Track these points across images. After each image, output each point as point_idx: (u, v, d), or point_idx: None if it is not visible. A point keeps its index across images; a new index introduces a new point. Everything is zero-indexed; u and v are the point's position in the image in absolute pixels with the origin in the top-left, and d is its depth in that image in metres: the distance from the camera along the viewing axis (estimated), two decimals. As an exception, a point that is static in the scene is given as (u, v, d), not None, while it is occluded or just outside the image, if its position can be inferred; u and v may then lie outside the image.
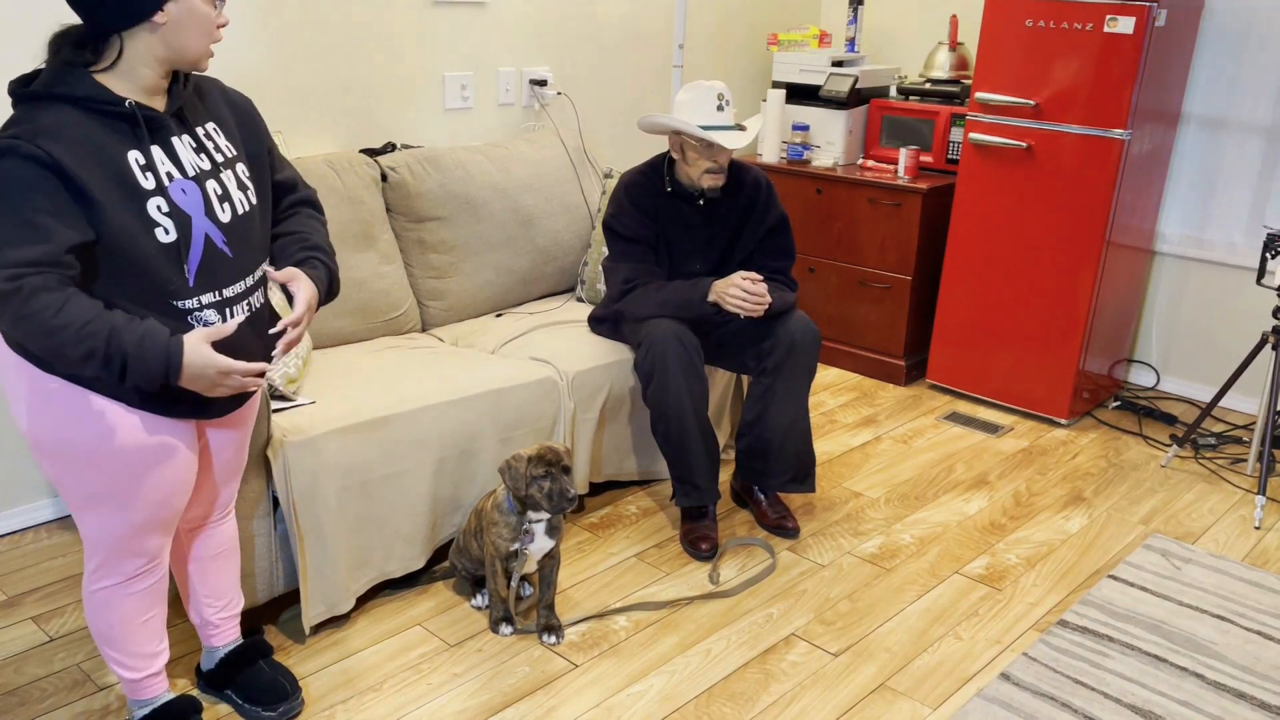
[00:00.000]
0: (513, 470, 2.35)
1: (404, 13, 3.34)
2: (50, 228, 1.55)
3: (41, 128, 1.56)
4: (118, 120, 1.63)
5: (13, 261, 1.53)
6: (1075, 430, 3.81)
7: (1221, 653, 2.52)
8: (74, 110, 1.60)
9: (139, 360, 1.60)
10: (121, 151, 1.62)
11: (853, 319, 4.23)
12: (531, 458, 2.33)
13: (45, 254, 1.54)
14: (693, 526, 2.92)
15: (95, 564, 1.89)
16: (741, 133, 2.88)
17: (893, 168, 4.12)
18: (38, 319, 1.54)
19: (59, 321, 1.54)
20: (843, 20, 4.73)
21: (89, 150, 1.58)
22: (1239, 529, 3.14)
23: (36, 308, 1.53)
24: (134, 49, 1.64)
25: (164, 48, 1.65)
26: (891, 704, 2.31)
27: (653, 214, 2.98)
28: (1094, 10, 3.41)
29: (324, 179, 2.95)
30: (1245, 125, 3.80)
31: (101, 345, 1.57)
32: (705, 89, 2.87)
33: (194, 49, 1.68)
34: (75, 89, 1.60)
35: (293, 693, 2.19)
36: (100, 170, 1.59)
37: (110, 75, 1.64)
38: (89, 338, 1.56)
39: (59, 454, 1.75)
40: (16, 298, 1.53)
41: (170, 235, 1.66)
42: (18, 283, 1.52)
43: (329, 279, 1.94)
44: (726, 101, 2.88)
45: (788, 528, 2.99)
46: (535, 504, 2.35)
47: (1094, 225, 3.57)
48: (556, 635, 2.48)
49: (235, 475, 2.09)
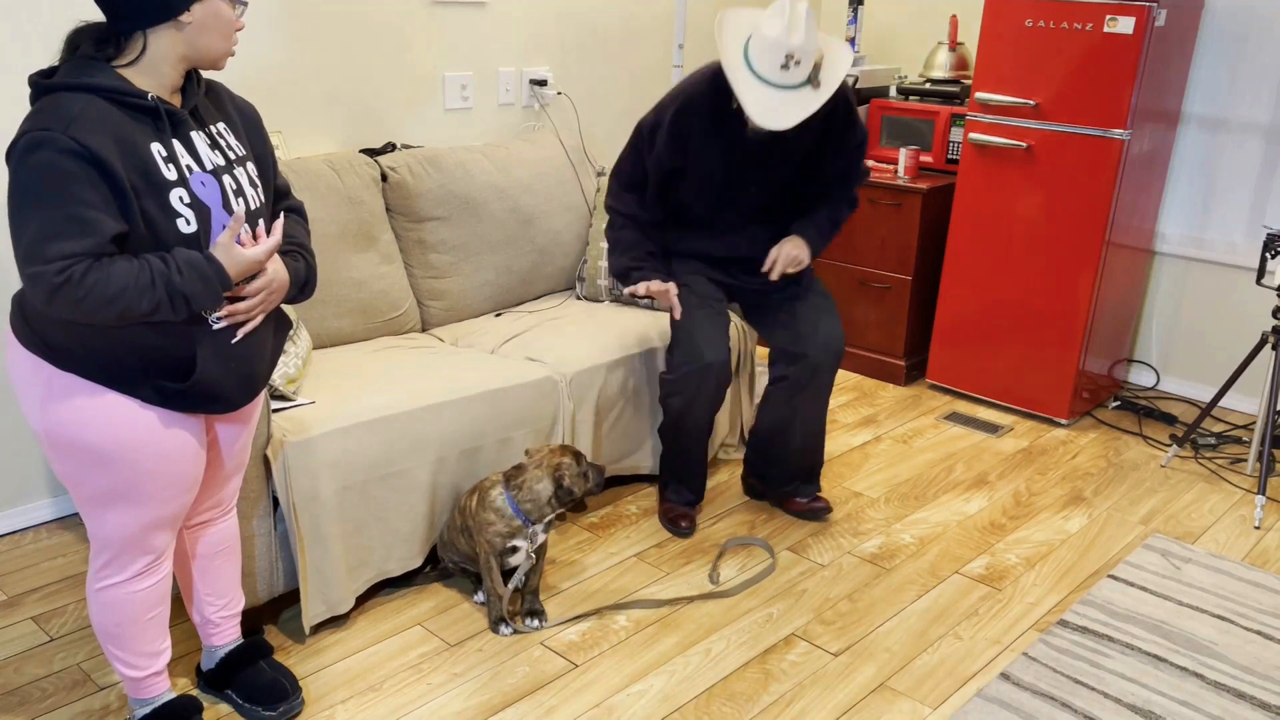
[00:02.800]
0: (569, 473, 2.44)
1: (404, 13, 3.34)
2: (94, 220, 1.58)
3: (71, 117, 1.58)
4: (140, 113, 1.66)
5: (60, 255, 1.57)
6: (1075, 430, 3.81)
7: (1221, 653, 2.52)
8: (99, 100, 1.62)
9: (196, 294, 1.67)
10: (145, 143, 1.65)
11: (853, 319, 4.23)
12: (574, 456, 2.47)
13: (92, 246, 1.59)
14: (671, 505, 3.01)
15: (102, 561, 1.90)
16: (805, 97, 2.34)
17: (893, 168, 4.12)
18: (93, 298, 1.59)
19: (113, 291, 1.60)
20: (843, 20, 4.73)
21: (116, 140, 1.61)
22: (1239, 529, 3.14)
23: (87, 289, 1.58)
24: (158, 47, 1.68)
25: (186, 46, 1.69)
26: (891, 704, 2.31)
27: (700, 136, 2.63)
28: (1094, 10, 3.41)
29: (324, 179, 2.94)
30: (1245, 125, 3.80)
31: (163, 295, 1.64)
32: (774, 40, 2.33)
33: (215, 49, 1.72)
34: (99, 80, 1.63)
35: (293, 693, 2.19)
36: (127, 160, 1.62)
37: (132, 71, 1.68)
38: (146, 291, 1.62)
39: (71, 451, 1.77)
40: (68, 287, 1.58)
41: (191, 226, 1.69)
42: (66, 274, 1.57)
43: (306, 273, 1.99)
44: (796, 62, 2.36)
45: (818, 509, 3.05)
46: (585, 495, 2.48)
47: (1094, 225, 3.57)
48: (540, 620, 2.51)
49: (240, 468, 2.11)
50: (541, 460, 2.46)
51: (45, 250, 1.56)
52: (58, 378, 1.73)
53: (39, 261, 1.56)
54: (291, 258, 1.94)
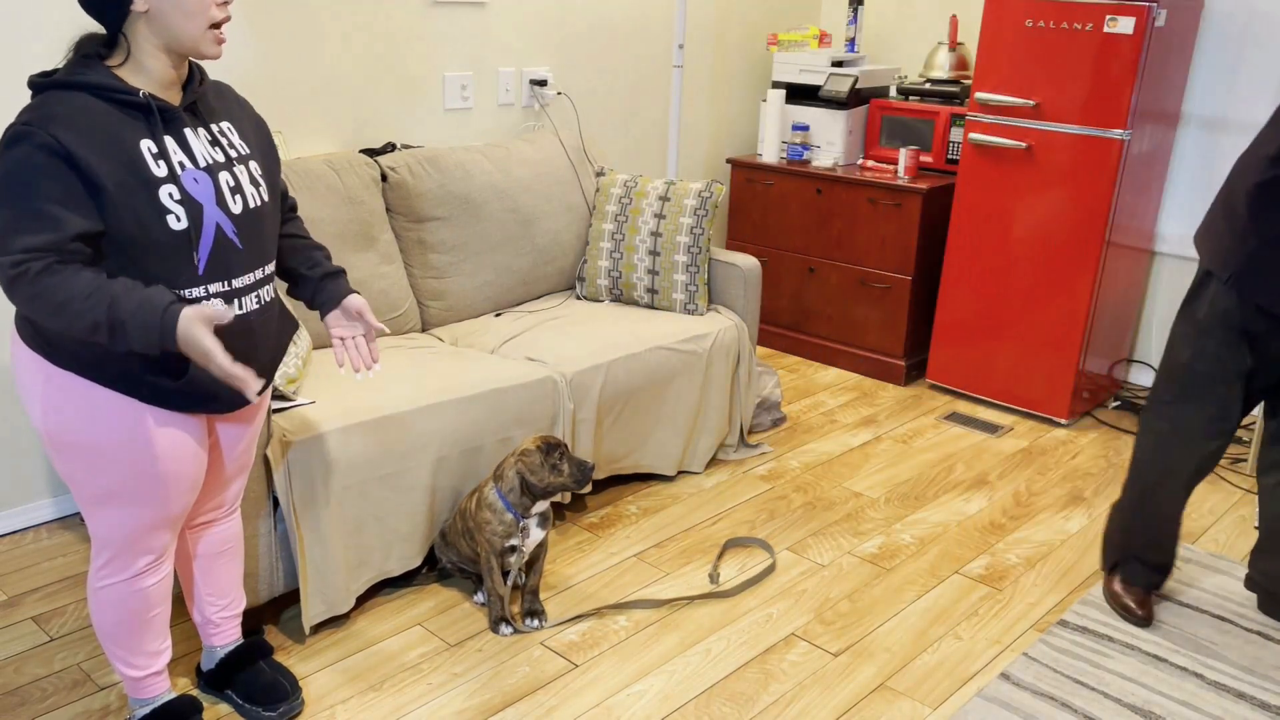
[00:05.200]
0: (529, 466, 2.40)
1: (404, 13, 3.34)
2: (58, 215, 1.58)
3: (54, 115, 1.59)
4: (132, 110, 1.67)
5: (18, 248, 1.57)
6: (1075, 430, 3.81)
7: (1221, 653, 2.52)
8: (89, 98, 1.63)
9: (138, 328, 1.61)
10: (134, 139, 1.66)
11: (853, 319, 4.23)
12: (539, 448, 2.40)
13: (50, 241, 1.58)
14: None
15: (103, 560, 1.90)
16: None
17: (893, 168, 4.12)
18: (44, 299, 1.58)
19: (63, 298, 1.58)
20: (843, 20, 4.73)
21: (102, 137, 1.61)
22: (1239, 529, 3.14)
23: (41, 289, 1.58)
24: (136, 42, 1.69)
25: (158, 35, 1.69)
26: (891, 704, 2.31)
27: None
28: (1094, 10, 3.41)
29: (324, 179, 2.95)
30: (1245, 125, 3.80)
31: (104, 316, 1.60)
32: None
33: (184, 31, 1.69)
34: (90, 77, 1.64)
35: (293, 693, 2.19)
36: (112, 157, 1.62)
37: (125, 70, 1.70)
38: (92, 309, 1.59)
39: (72, 450, 1.77)
40: (21, 282, 1.57)
41: (181, 223, 1.69)
42: (21, 268, 1.57)
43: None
44: None
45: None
46: (559, 487, 2.42)
47: (1094, 225, 3.57)
48: (540, 619, 2.51)
49: (243, 472, 2.10)
50: (515, 451, 2.47)
51: (7, 243, 1.57)
52: (58, 375, 1.73)
53: (1, 253, 1.58)
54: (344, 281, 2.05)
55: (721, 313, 3.39)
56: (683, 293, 3.35)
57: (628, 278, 3.40)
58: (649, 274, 3.37)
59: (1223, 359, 2.42)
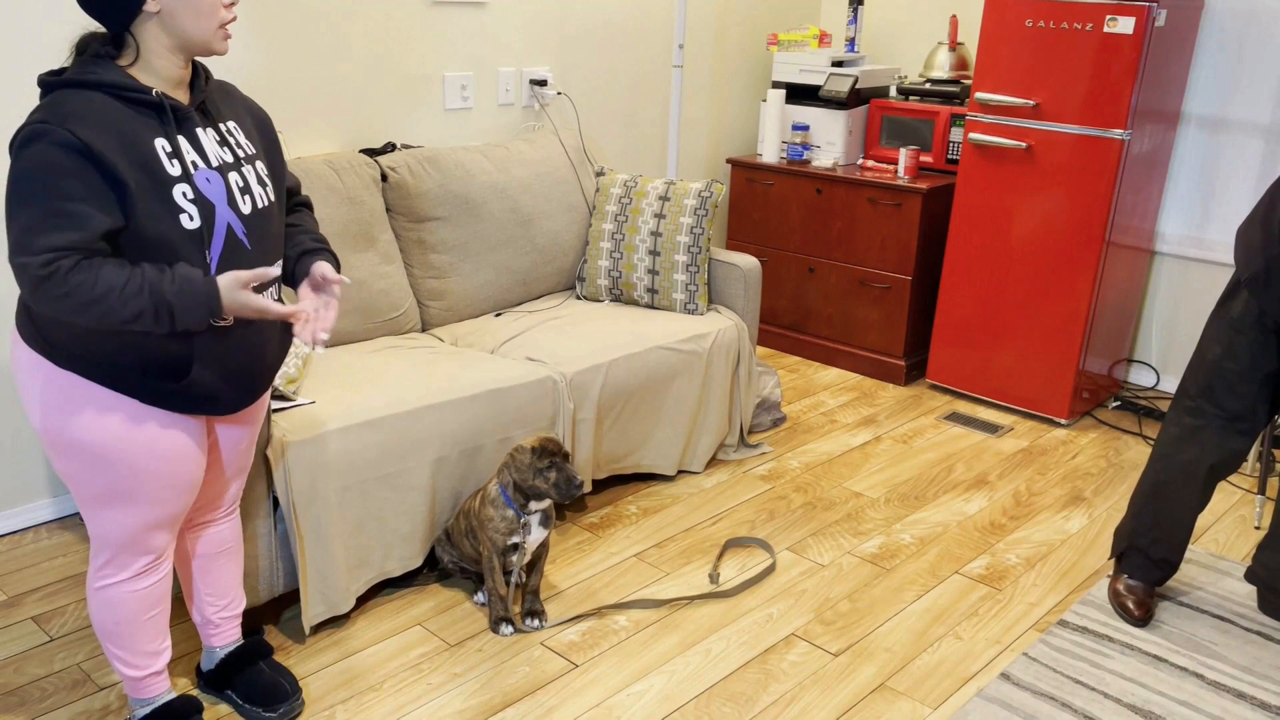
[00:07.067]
0: (517, 463, 2.39)
1: (404, 13, 3.34)
2: (84, 214, 1.58)
3: (70, 112, 1.58)
4: (145, 109, 1.67)
5: (46, 247, 1.56)
6: (1075, 430, 3.81)
7: (1221, 653, 2.52)
8: (102, 96, 1.63)
9: (184, 309, 1.65)
10: (148, 138, 1.65)
11: (853, 319, 4.23)
12: (534, 449, 2.38)
13: (78, 240, 1.58)
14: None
15: (102, 560, 1.90)
16: None
17: (893, 168, 4.12)
18: (76, 296, 1.58)
19: (99, 292, 1.59)
20: (843, 20, 4.73)
21: (117, 135, 1.61)
22: (1239, 529, 3.14)
23: (73, 286, 1.58)
24: (145, 42, 1.68)
25: (169, 35, 1.69)
26: (891, 704, 2.31)
27: None
28: (1094, 10, 3.41)
29: (324, 179, 2.95)
30: (1245, 125, 3.80)
31: (148, 303, 1.62)
32: None
33: (195, 31, 1.70)
34: (104, 76, 1.64)
35: (293, 693, 2.19)
36: (128, 155, 1.62)
37: (135, 69, 1.69)
38: (132, 298, 1.60)
39: (71, 450, 1.77)
40: (51, 281, 1.57)
41: (194, 222, 1.69)
42: (52, 267, 1.57)
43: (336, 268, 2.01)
44: None
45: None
46: (542, 494, 2.40)
47: (1094, 225, 3.57)
48: (540, 620, 2.51)
49: (243, 473, 2.10)
50: (513, 448, 2.45)
51: (33, 242, 1.56)
52: (58, 376, 1.73)
53: (26, 253, 1.57)
54: (323, 256, 1.97)
55: (721, 313, 3.39)
56: (683, 293, 3.36)
57: (628, 278, 3.40)
58: (649, 274, 3.37)
59: (1254, 358, 2.43)
